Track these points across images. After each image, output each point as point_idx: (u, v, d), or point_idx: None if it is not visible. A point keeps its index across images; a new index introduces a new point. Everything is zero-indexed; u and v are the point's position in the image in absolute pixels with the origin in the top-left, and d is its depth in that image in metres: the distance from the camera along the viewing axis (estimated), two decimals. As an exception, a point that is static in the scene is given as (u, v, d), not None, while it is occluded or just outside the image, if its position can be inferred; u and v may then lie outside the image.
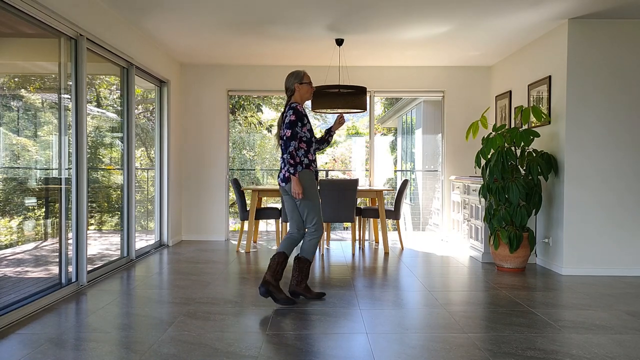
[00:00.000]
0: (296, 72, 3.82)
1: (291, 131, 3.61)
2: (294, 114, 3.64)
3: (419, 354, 2.67)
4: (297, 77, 3.78)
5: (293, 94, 3.79)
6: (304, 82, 3.78)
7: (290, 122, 3.62)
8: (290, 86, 3.79)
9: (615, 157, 4.73)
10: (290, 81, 3.79)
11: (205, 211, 6.83)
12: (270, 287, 3.59)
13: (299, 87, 3.78)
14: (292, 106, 3.69)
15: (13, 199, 3.70)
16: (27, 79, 4.06)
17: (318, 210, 3.72)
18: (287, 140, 3.60)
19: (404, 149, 12.71)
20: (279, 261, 3.65)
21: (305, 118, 3.70)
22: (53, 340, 2.86)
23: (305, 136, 3.70)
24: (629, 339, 2.93)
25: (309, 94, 3.83)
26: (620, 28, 4.71)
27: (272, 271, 3.63)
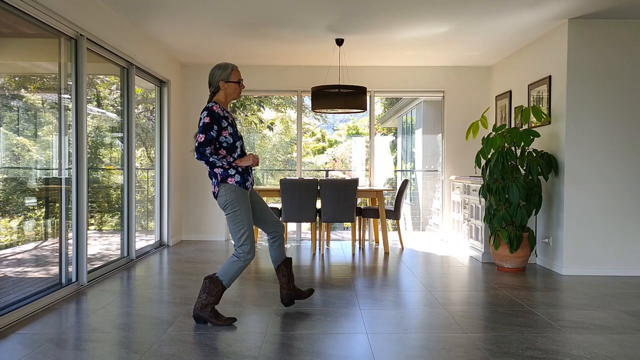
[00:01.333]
0: (224, 65, 3.24)
1: (205, 136, 3.05)
2: (209, 115, 3.08)
3: (419, 354, 2.67)
4: (223, 73, 3.21)
5: (217, 91, 3.24)
6: (231, 80, 3.22)
7: (204, 125, 3.07)
8: (215, 82, 3.23)
9: (615, 157, 4.73)
10: (216, 76, 3.22)
11: (205, 211, 6.83)
12: (293, 294, 3.50)
13: (225, 85, 3.22)
14: (208, 106, 3.13)
15: (13, 199, 3.70)
16: (27, 79, 4.07)
17: (246, 232, 3.13)
18: (200, 146, 3.04)
19: (404, 149, 12.72)
20: (284, 272, 3.46)
21: (224, 120, 3.13)
22: (53, 340, 2.86)
23: (225, 142, 3.14)
24: (629, 339, 2.93)
25: (237, 94, 3.28)
26: (620, 28, 4.71)
27: (285, 282, 3.47)
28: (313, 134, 16.06)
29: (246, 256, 3.14)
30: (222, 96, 3.26)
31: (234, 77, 3.24)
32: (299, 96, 7.02)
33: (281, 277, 3.47)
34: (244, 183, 3.17)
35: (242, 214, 3.13)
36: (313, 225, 5.88)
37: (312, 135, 16.02)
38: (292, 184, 5.64)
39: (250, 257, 3.16)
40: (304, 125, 14.80)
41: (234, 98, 3.30)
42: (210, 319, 3.14)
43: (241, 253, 3.14)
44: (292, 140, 13.69)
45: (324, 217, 5.71)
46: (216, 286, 3.14)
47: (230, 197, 3.12)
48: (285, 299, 3.49)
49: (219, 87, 3.23)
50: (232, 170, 3.15)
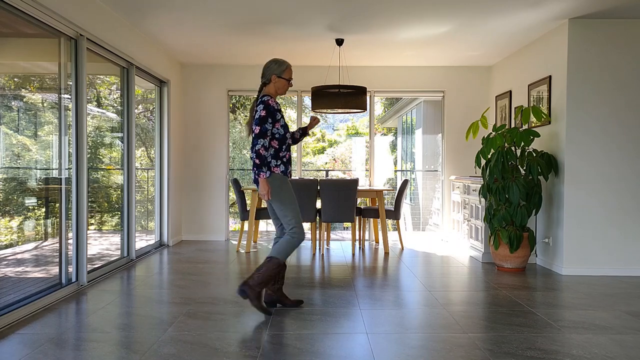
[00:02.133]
0: (280, 61, 3.46)
1: (260, 128, 3.27)
2: (265, 109, 3.30)
3: (419, 354, 2.67)
4: (278, 68, 3.43)
5: (268, 83, 3.46)
6: (283, 76, 3.44)
7: (260, 117, 3.29)
8: (268, 75, 3.44)
9: (615, 157, 4.73)
10: (270, 69, 3.44)
11: (205, 211, 6.83)
12: (275, 297, 3.51)
13: (277, 80, 3.43)
14: (263, 100, 3.34)
15: (13, 199, 3.70)
16: (27, 79, 4.06)
17: (295, 212, 3.40)
18: (255, 137, 3.26)
19: (404, 149, 12.71)
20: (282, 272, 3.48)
21: (278, 113, 3.36)
22: (53, 340, 2.86)
23: (278, 133, 3.38)
24: (629, 339, 2.93)
25: (284, 91, 3.49)
26: (620, 28, 4.71)
27: (272, 284, 3.47)
28: (313, 134, 16.06)
29: (298, 236, 3.41)
30: (272, 89, 3.47)
31: (286, 74, 3.47)
32: (299, 96, 7.02)
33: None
34: (286, 172, 3.45)
35: (288, 199, 3.40)
36: (313, 225, 5.88)
37: (312, 135, 16.02)
38: (292, 184, 5.64)
39: (303, 237, 3.42)
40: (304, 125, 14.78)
41: (281, 93, 3.52)
42: (254, 298, 3.30)
43: (294, 234, 3.40)
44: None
45: (324, 217, 5.71)
46: (273, 264, 3.35)
47: (276, 185, 3.36)
48: (266, 299, 3.51)
49: (271, 80, 3.45)
50: (278, 161, 3.40)
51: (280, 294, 3.54)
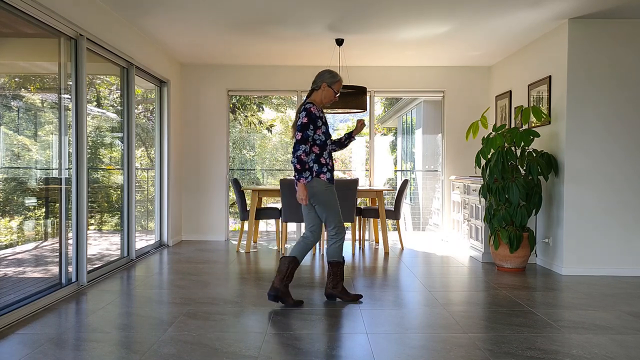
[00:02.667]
0: (334, 73, 3.65)
1: (302, 134, 3.45)
2: (307, 116, 3.48)
3: (419, 354, 2.67)
4: (331, 79, 3.61)
5: (317, 90, 3.62)
6: (333, 87, 3.61)
7: (302, 124, 3.47)
8: (319, 82, 3.62)
9: (615, 157, 4.73)
10: (323, 77, 3.62)
11: (205, 211, 6.83)
12: (280, 292, 3.54)
13: (326, 88, 3.60)
14: (306, 107, 3.52)
15: (13, 199, 3.70)
16: (27, 79, 4.06)
17: (336, 213, 3.62)
18: (297, 143, 3.45)
19: (404, 149, 12.72)
20: (290, 266, 3.57)
21: (319, 120, 3.52)
22: (53, 340, 2.86)
23: (319, 139, 3.54)
24: (630, 339, 2.93)
25: (329, 100, 3.65)
26: (620, 28, 4.71)
27: (281, 276, 3.55)
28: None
29: (340, 236, 3.66)
30: (319, 97, 3.64)
31: (336, 86, 3.64)
32: (299, 96, 7.02)
33: (282, 267, 3.59)
34: (332, 179, 3.64)
35: (332, 203, 3.60)
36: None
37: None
38: (292, 184, 5.64)
39: (344, 235, 3.68)
40: (304, 125, 14.74)
41: (326, 102, 3.67)
42: (342, 295, 3.68)
43: (334, 235, 3.65)
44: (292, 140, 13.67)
45: (324, 217, 5.70)
46: (336, 267, 3.67)
47: (321, 189, 3.55)
48: (270, 290, 3.57)
49: (320, 87, 3.62)
50: (325, 168, 3.57)
51: (285, 291, 3.56)
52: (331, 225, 3.64)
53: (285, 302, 3.57)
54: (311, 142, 3.53)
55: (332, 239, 3.66)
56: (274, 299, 3.55)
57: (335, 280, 3.67)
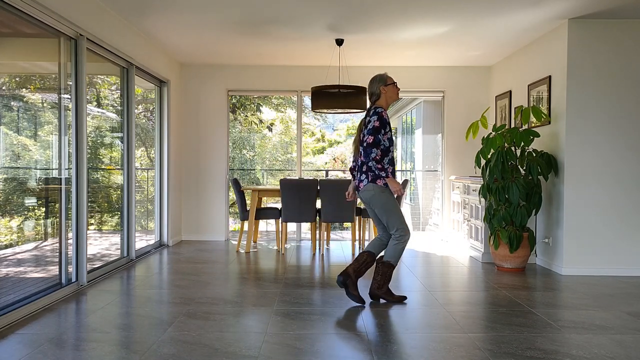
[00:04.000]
0: (379, 75, 3.71)
1: (374, 138, 3.50)
2: (378, 120, 3.53)
3: (419, 354, 2.67)
4: (381, 81, 3.67)
5: (378, 98, 3.69)
6: (388, 83, 3.67)
7: (374, 128, 3.52)
8: (376, 90, 3.68)
9: (615, 157, 4.73)
10: (375, 85, 3.69)
11: (205, 211, 6.82)
12: (349, 280, 3.63)
13: (385, 89, 3.67)
14: (378, 111, 3.57)
15: (13, 199, 3.70)
16: (27, 79, 4.06)
17: (398, 216, 3.63)
18: (369, 146, 3.50)
19: (404, 149, 12.72)
20: (367, 260, 3.68)
21: (388, 126, 3.60)
22: (53, 340, 2.86)
23: (383, 145, 3.58)
24: (629, 339, 2.93)
25: (396, 95, 3.72)
26: (620, 28, 4.71)
27: (356, 265, 3.66)
28: (313, 134, 16.06)
29: (403, 238, 3.65)
30: (384, 101, 3.70)
31: (389, 80, 3.70)
32: (299, 96, 7.02)
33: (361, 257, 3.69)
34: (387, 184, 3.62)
35: (391, 205, 3.62)
36: (313, 225, 5.88)
37: (312, 135, 16.02)
38: (292, 184, 5.64)
39: (407, 238, 3.66)
40: (304, 125, 14.80)
41: (394, 99, 3.74)
42: (385, 296, 3.69)
43: (398, 237, 3.64)
44: (292, 140, 13.69)
45: (323, 217, 5.70)
46: (387, 268, 3.67)
47: (378, 193, 3.58)
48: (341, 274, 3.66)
49: (380, 93, 3.68)
50: (383, 173, 3.56)
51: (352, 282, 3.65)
52: (394, 229, 3.64)
53: (347, 292, 3.64)
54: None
55: (395, 240, 3.66)
56: (341, 284, 3.64)
57: (382, 280, 3.67)
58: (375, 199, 3.60)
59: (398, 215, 3.64)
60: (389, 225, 3.66)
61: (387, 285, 3.70)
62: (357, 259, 3.70)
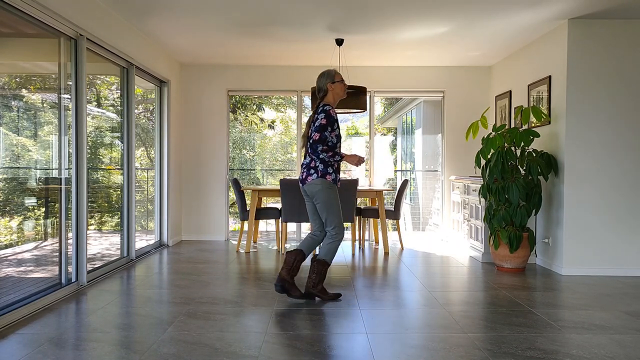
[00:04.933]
0: (327, 71, 3.74)
1: (320, 135, 3.55)
2: (326, 117, 3.58)
3: (419, 354, 2.67)
4: (329, 77, 3.71)
5: (326, 94, 3.72)
6: (336, 80, 3.71)
7: (321, 125, 3.56)
8: (323, 87, 3.72)
9: (615, 157, 4.73)
10: (323, 82, 3.72)
11: (205, 211, 6.83)
12: (286, 284, 3.66)
13: (332, 86, 3.70)
14: (325, 109, 3.61)
15: (13, 199, 3.70)
16: (27, 79, 4.06)
17: (337, 215, 3.69)
18: (315, 143, 3.55)
19: (404, 149, 12.72)
20: (297, 259, 3.69)
21: (336, 123, 3.64)
22: (53, 340, 2.86)
23: (331, 141, 3.64)
24: (629, 339, 2.93)
25: (343, 92, 3.76)
26: (620, 28, 4.72)
27: (288, 268, 3.67)
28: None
29: (338, 237, 3.70)
30: (331, 97, 3.73)
31: (337, 77, 3.73)
32: (299, 96, 7.02)
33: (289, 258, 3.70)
34: (336, 180, 3.70)
35: (334, 203, 3.66)
36: (313, 225, 5.87)
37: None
38: (292, 184, 5.64)
39: (341, 237, 3.72)
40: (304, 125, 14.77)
41: (341, 96, 3.78)
42: (320, 294, 3.70)
43: (334, 234, 3.70)
44: (292, 140, 13.69)
45: (324, 217, 5.70)
46: (322, 266, 3.69)
47: (324, 189, 3.62)
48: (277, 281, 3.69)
49: (327, 90, 3.71)
50: (330, 169, 3.64)
51: (290, 284, 3.68)
52: (331, 225, 3.69)
53: (289, 295, 3.67)
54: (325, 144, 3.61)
55: (330, 238, 3.72)
56: (281, 291, 3.66)
57: (317, 278, 3.70)
58: (320, 194, 3.63)
59: (337, 214, 3.69)
60: (327, 222, 3.69)
61: (322, 283, 3.72)
62: (286, 261, 3.69)
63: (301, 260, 3.72)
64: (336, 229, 3.69)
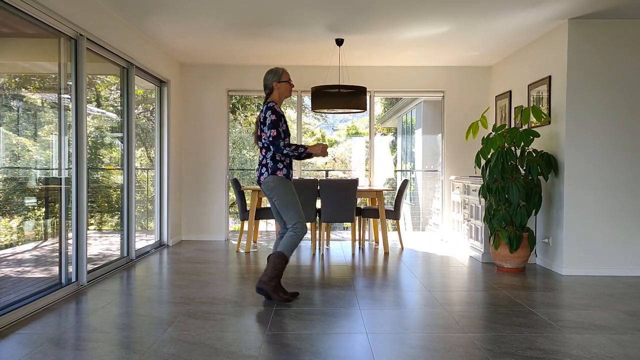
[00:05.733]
0: (275, 69, 3.77)
1: (276, 130, 3.59)
2: (273, 113, 3.61)
3: (419, 354, 2.67)
4: (276, 75, 3.73)
5: (272, 92, 3.76)
6: (282, 80, 3.74)
7: (272, 121, 3.59)
8: (269, 84, 3.75)
9: (615, 157, 4.73)
10: (269, 79, 3.75)
11: (205, 211, 6.83)
12: (263, 286, 3.64)
13: (278, 85, 3.74)
14: (270, 106, 3.65)
15: (13, 199, 3.70)
16: (27, 79, 4.06)
17: (296, 210, 3.67)
18: (275, 140, 3.58)
19: (404, 149, 12.72)
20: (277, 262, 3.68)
21: (282, 118, 3.67)
22: (53, 340, 2.86)
23: None
24: (629, 339, 2.93)
25: (288, 92, 3.80)
26: (620, 28, 4.72)
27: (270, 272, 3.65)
28: (313, 134, 16.05)
29: (300, 231, 3.64)
30: (277, 96, 3.76)
31: (284, 77, 3.76)
32: (299, 96, 7.02)
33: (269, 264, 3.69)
34: (288, 175, 3.71)
35: (290, 197, 3.66)
36: (313, 225, 5.88)
37: (312, 135, 16.01)
38: (292, 184, 5.63)
39: (304, 232, 3.67)
40: (304, 125, 14.79)
41: (286, 96, 3.80)
42: (272, 292, 3.61)
43: (296, 229, 3.65)
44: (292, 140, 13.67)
45: (323, 217, 5.71)
46: (280, 259, 3.62)
47: (278, 184, 3.63)
48: (257, 287, 3.67)
49: (273, 88, 3.74)
50: (280, 164, 3.66)
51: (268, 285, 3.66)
52: (291, 222, 3.66)
53: (272, 297, 3.65)
54: None
55: (291, 231, 3.66)
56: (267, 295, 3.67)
57: (273, 272, 3.60)
58: (276, 191, 3.64)
59: (296, 208, 3.66)
60: (287, 219, 3.67)
61: (278, 279, 3.63)
62: (267, 266, 3.68)
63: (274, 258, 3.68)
64: (297, 224, 3.65)
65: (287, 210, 3.66)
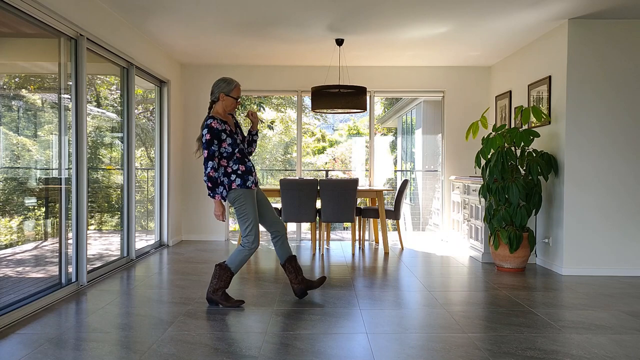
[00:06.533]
0: (229, 80, 3.51)
1: (207, 151, 3.37)
2: (209, 132, 3.37)
3: (419, 354, 2.67)
4: (227, 87, 3.49)
5: (217, 101, 3.50)
6: (231, 95, 3.49)
7: (207, 141, 3.37)
8: (217, 93, 3.49)
9: (615, 157, 4.73)
10: (219, 87, 3.49)
11: (205, 211, 6.83)
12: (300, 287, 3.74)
13: (225, 98, 3.49)
14: (207, 124, 3.39)
15: (13, 199, 3.70)
16: (27, 79, 4.07)
17: (250, 223, 3.50)
18: (205, 161, 3.39)
19: (404, 149, 12.72)
20: (289, 267, 3.74)
21: (223, 133, 3.42)
22: (53, 340, 2.86)
23: (225, 151, 3.46)
24: (629, 339, 2.93)
25: (232, 109, 3.54)
26: (620, 28, 4.71)
27: (294, 277, 3.73)
28: (313, 134, 16.06)
29: (251, 245, 3.53)
30: (221, 108, 3.52)
31: (234, 93, 3.52)
32: (299, 96, 7.02)
33: (288, 274, 3.75)
34: (244, 184, 3.51)
35: (247, 208, 3.51)
36: (313, 225, 5.88)
37: (312, 135, 16.02)
38: (292, 184, 5.64)
39: (255, 247, 3.55)
40: (304, 125, 14.80)
41: (229, 111, 3.58)
42: (221, 301, 3.53)
43: (246, 243, 3.53)
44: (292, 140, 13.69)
45: (323, 217, 5.71)
46: (225, 272, 3.53)
47: (236, 195, 3.49)
48: (298, 293, 3.76)
49: (219, 98, 3.51)
50: (233, 175, 3.50)
51: (305, 282, 3.77)
52: (244, 234, 3.53)
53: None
54: (218, 157, 3.44)
55: (241, 246, 3.55)
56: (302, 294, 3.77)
57: (217, 284, 3.53)
58: (233, 202, 3.51)
59: (251, 222, 3.50)
60: (240, 229, 3.56)
61: (223, 289, 3.54)
62: (288, 275, 3.73)
63: (294, 261, 3.73)
64: (249, 237, 3.51)
65: (241, 223, 3.52)
